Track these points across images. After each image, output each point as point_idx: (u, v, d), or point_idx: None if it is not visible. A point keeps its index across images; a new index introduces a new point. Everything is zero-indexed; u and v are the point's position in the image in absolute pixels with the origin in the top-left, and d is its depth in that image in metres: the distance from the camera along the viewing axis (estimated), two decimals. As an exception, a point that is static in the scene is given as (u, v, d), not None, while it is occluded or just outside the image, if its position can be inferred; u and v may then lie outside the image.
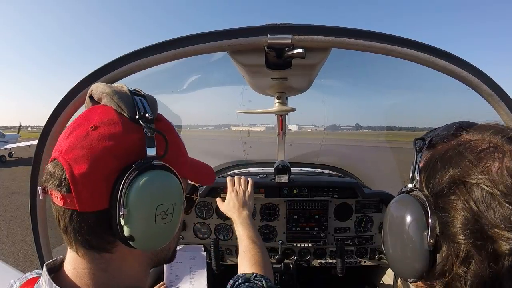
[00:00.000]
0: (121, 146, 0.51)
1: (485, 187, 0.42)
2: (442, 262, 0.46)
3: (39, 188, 0.53)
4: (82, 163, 0.48)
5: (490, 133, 0.49)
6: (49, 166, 0.52)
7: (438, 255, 0.47)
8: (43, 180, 0.53)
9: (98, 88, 0.58)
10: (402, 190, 0.57)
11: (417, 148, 0.57)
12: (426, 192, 0.51)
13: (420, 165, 0.55)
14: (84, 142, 0.50)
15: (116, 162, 0.51)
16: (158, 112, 0.62)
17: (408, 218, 0.51)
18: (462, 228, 0.43)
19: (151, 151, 0.53)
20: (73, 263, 0.54)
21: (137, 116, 0.53)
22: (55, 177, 0.50)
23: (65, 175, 0.49)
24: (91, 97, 0.60)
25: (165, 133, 0.56)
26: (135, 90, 0.59)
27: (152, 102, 0.59)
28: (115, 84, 0.59)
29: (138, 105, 0.55)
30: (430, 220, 0.47)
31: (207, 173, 0.77)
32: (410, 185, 0.55)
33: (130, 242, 0.51)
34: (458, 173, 0.45)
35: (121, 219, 0.49)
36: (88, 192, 0.49)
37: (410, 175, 0.56)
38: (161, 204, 0.52)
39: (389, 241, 0.58)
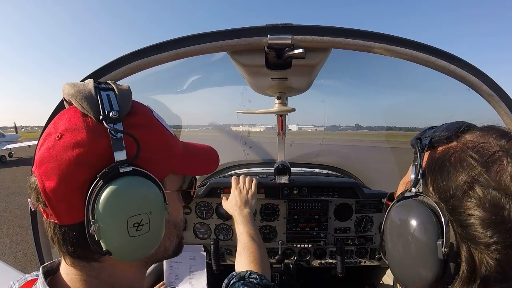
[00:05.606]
0: (90, 153, 0.47)
1: (501, 191, 0.42)
2: (466, 268, 0.44)
3: (29, 200, 0.51)
4: (52, 178, 0.46)
5: (495, 137, 0.47)
6: (31, 178, 0.50)
7: (452, 263, 0.45)
8: (28, 193, 0.51)
9: (64, 90, 0.52)
10: (405, 195, 0.53)
11: (419, 149, 0.53)
12: (435, 197, 0.48)
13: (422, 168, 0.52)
14: (51, 154, 0.47)
15: (88, 172, 0.47)
16: (155, 110, 0.59)
17: (417, 226, 0.48)
18: (484, 228, 0.42)
19: (120, 155, 0.48)
20: (65, 269, 0.54)
21: (101, 117, 0.48)
22: (33, 192, 0.49)
23: (39, 190, 0.47)
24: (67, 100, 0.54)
25: (142, 128, 0.52)
26: (105, 83, 0.53)
27: (123, 95, 0.52)
28: (83, 82, 0.53)
29: (104, 103, 0.49)
30: (445, 228, 0.45)
31: (206, 160, 0.68)
32: (413, 189, 0.51)
33: (109, 256, 0.49)
34: (471, 177, 0.44)
35: (94, 233, 0.46)
36: (64, 206, 0.47)
37: (412, 178, 0.52)
38: (132, 216, 0.48)
39: (392, 249, 0.54)
